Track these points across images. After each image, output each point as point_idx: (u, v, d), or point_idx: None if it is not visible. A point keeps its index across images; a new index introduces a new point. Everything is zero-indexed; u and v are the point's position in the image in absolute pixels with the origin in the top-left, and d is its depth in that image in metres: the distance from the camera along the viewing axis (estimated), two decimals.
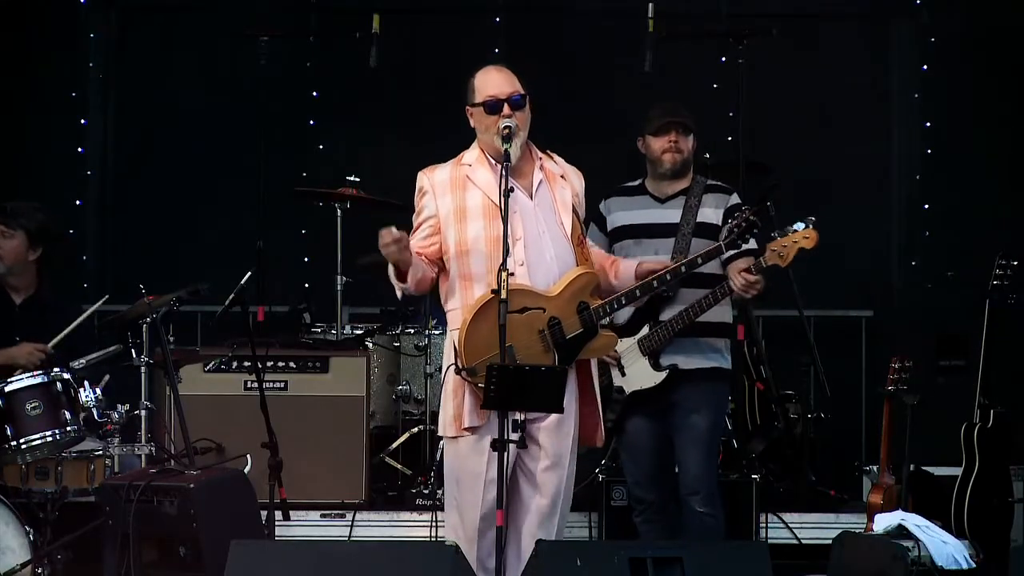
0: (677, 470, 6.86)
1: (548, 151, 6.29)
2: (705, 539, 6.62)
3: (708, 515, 6.73)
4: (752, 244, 6.78)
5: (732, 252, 6.72)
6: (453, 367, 6.04)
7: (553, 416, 6.03)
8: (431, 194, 6.16)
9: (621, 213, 6.91)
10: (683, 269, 6.45)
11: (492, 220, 6.07)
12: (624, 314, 6.75)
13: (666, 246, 6.73)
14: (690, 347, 6.75)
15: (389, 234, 5.97)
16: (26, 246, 7.75)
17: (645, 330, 6.75)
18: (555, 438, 6.10)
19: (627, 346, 6.75)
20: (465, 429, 6.04)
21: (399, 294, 6.23)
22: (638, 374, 6.76)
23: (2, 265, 7.75)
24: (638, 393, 6.77)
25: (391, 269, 6.11)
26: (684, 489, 6.77)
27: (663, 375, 6.74)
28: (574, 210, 6.21)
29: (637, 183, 6.96)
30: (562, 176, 6.24)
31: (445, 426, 6.14)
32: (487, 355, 5.91)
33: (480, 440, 6.00)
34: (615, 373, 6.79)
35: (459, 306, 6.09)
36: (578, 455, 6.27)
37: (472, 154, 6.20)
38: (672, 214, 6.83)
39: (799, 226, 6.46)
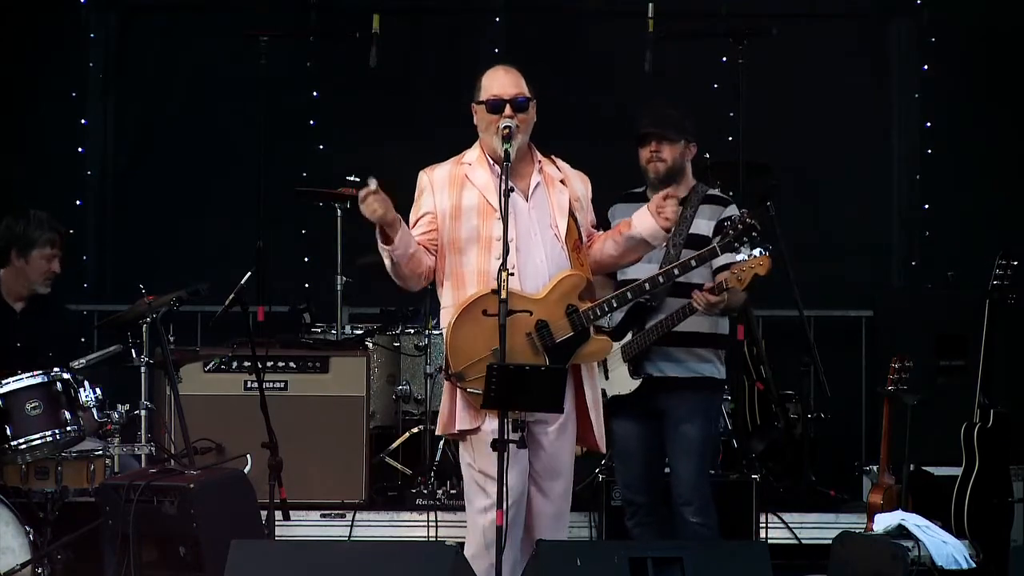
0: (670, 478, 6.85)
1: (552, 155, 6.28)
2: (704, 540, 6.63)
3: (701, 525, 6.70)
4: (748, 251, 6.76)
5: (723, 262, 6.71)
6: (443, 371, 6.05)
7: (558, 419, 6.03)
8: (430, 191, 6.16)
9: (622, 220, 6.87)
10: (676, 272, 6.42)
11: (485, 220, 6.07)
12: (613, 319, 6.74)
13: (657, 255, 6.69)
14: (678, 356, 6.73)
15: (366, 190, 5.88)
16: None
17: (628, 336, 6.75)
18: (560, 442, 6.10)
19: (612, 351, 6.74)
20: (458, 431, 6.04)
21: (388, 264, 6.05)
22: (618, 379, 6.77)
23: (50, 284, 7.77)
24: (617, 398, 6.77)
25: (377, 233, 5.98)
26: (677, 499, 6.75)
27: (637, 383, 6.73)
28: (572, 214, 6.19)
29: (642, 189, 6.92)
30: (562, 181, 6.22)
31: (438, 424, 6.17)
32: (473, 359, 5.92)
33: (481, 442, 5.98)
34: (600, 376, 6.77)
35: (451, 303, 6.10)
36: (579, 456, 6.27)
37: (473, 153, 6.21)
38: None
39: (757, 252, 6.44)
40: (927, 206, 9.92)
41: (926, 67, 9.92)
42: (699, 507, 6.72)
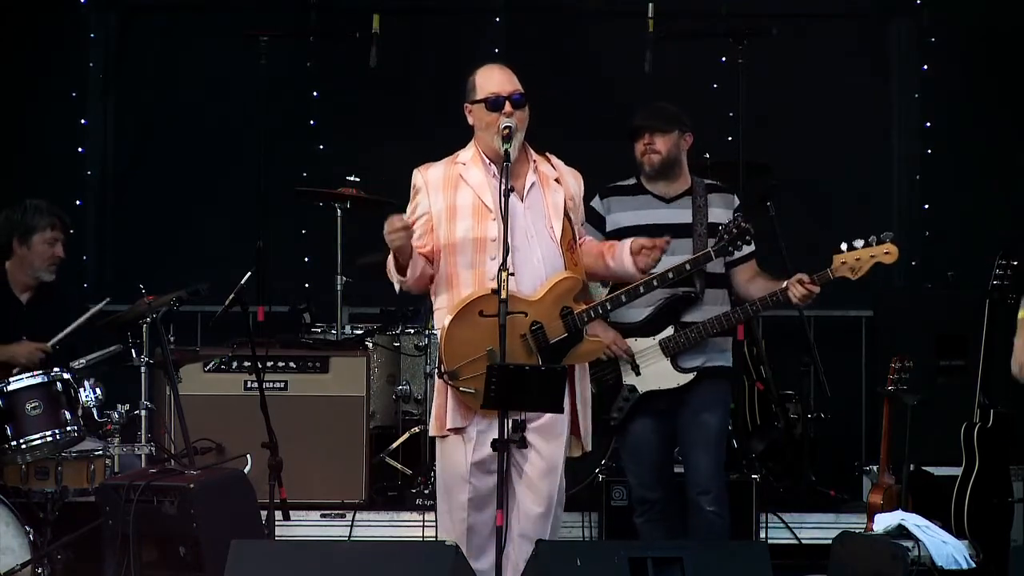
0: (684, 469, 6.85)
1: (546, 153, 6.28)
2: (705, 539, 6.62)
3: (716, 514, 6.72)
4: (751, 247, 6.78)
5: (743, 254, 6.73)
6: (436, 370, 6.06)
7: (546, 418, 6.02)
8: (424, 191, 6.17)
9: (625, 213, 6.87)
10: (671, 275, 6.43)
11: (480, 220, 6.08)
12: (642, 314, 6.73)
13: (682, 246, 6.66)
14: (701, 347, 6.74)
15: (399, 220, 5.97)
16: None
17: (669, 331, 6.71)
18: (548, 440, 6.10)
19: (646, 346, 6.72)
20: (449, 430, 6.05)
21: (397, 288, 6.20)
22: (657, 375, 6.73)
23: (55, 270, 7.77)
24: (652, 393, 6.75)
25: (391, 261, 6.09)
26: (694, 488, 6.75)
27: (688, 377, 6.71)
28: (567, 214, 6.19)
29: (632, 182, 6.93)
30: (556, 180, 6.22)
31: (431, 424, 6.18)
32: (468, 358, 5.93)
33: (464, 441, 6.01)
34: (625, 371, 6.77)
35: (445, 305, 6.11)
36: (578, 455, 6.27)
37: (467, 153, 6.20)
38: (682, 214, 6.81)
39: (886, 236, 6.47)
40: (927, 206, 9.92)
41: (926, 67, 9.92)
42: (716, 496, 6.73)
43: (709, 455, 6.74)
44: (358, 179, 8.60)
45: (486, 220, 6.06)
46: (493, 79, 6.12)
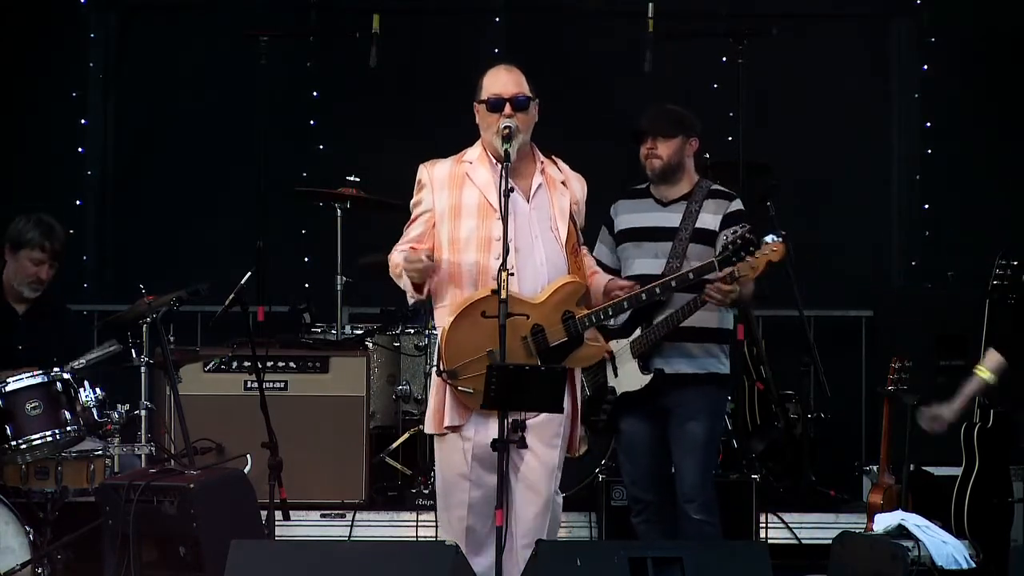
0: (675, 475, 6.85)
1: (553, 156, 6.28)
2: (705, 539, 6.63)
3: (705, 523, 6.72)
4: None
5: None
6: (435, 368, 6.06)
7: (543, 417, 6.02)
8: (429, 188, 6.17)
9: (627, 216, 6.90)
10: (673, 284, 6.44)
11: (485, 219, 6.08)
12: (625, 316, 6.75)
13: (665, 250, 6.71)
14: (685, 352, 6.73)
15: (420, 260, 5.98)
16: (55, 268, 7.77)
17: (637, 332, 6.74)
18: (545, 440, 6.09)
19: (621, 347, 6.75)
20: (446, 428, 6.05)
21: (411, 301, 6.24)
22: (628, 376, 6.76)
23: (38, 289, 7.75)
24: (628, 395, 6.77)
25: (407, 281, 6.09)
26: (681, 496, 6.76)
27: (648, 379, 6.72)
28: (571, 218, 6.19)
29: (644, 186, 6.95)
30: (563, 183, 6.22)
31: (427, 422, 6.18)
32: (468, 358, 5.93)
33: (464, 440, 6.01)
34: (609, 372, 6.79)
35: (447, 303, 6.11)
36: (579, 455, 6.27)
37: (474, 152, 6.21)
38: (673, 218, 6.81)
39: (770, 239, 6.43)
40: (927, 206, 9.92)
41: (926, 67, 9.92)
42: (702, 504, 6.73)
43: (694, 464, 6.74)
44: (358, 179, 8.60)
45: (491, 219, 6.06)
46: (498, 80, 6.13)
